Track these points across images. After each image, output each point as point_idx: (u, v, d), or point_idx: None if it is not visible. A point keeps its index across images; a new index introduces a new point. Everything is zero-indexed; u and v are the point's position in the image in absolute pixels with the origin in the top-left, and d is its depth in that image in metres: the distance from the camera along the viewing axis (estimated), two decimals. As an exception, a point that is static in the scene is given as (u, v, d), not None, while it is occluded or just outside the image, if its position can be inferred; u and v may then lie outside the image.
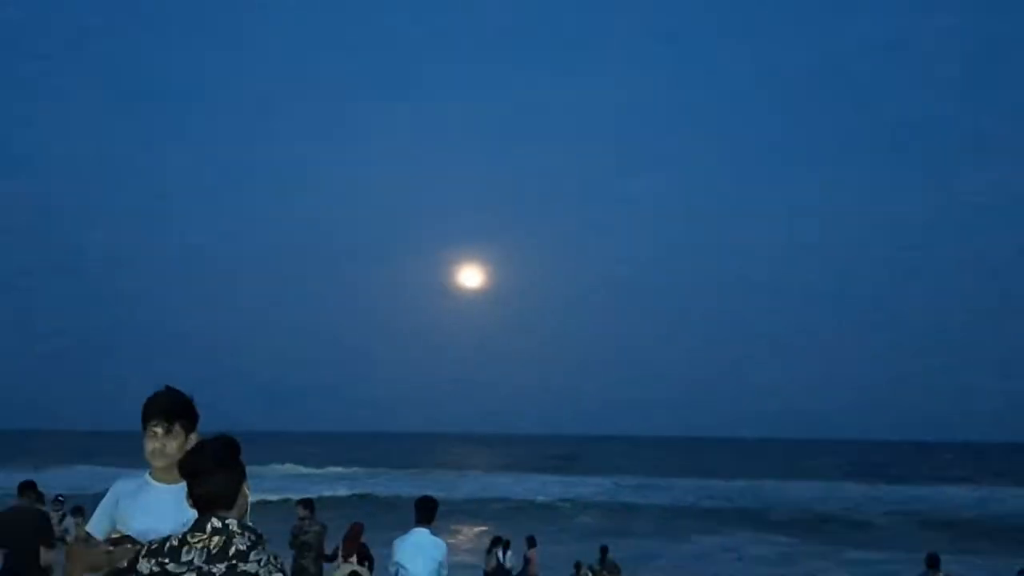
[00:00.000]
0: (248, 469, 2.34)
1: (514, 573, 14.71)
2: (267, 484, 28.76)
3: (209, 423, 2.81)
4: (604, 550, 15.34)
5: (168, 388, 2.72)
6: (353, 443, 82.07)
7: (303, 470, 46.82)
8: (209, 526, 2.07)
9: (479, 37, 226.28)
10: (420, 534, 6.51)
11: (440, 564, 6.45)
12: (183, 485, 2.36)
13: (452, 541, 18.88)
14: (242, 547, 2.05)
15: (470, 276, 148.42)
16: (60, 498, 13.98)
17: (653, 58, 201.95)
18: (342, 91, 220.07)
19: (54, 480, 21.30)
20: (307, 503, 10.52)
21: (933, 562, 10.88)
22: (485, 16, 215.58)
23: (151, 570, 2.02)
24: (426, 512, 6.61)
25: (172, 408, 2.65)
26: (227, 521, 2.08)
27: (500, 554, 14.61)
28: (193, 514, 2.20)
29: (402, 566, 6.43)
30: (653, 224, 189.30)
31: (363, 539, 9.76)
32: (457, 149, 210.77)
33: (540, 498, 33.81)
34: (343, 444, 78.51)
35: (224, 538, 2.06)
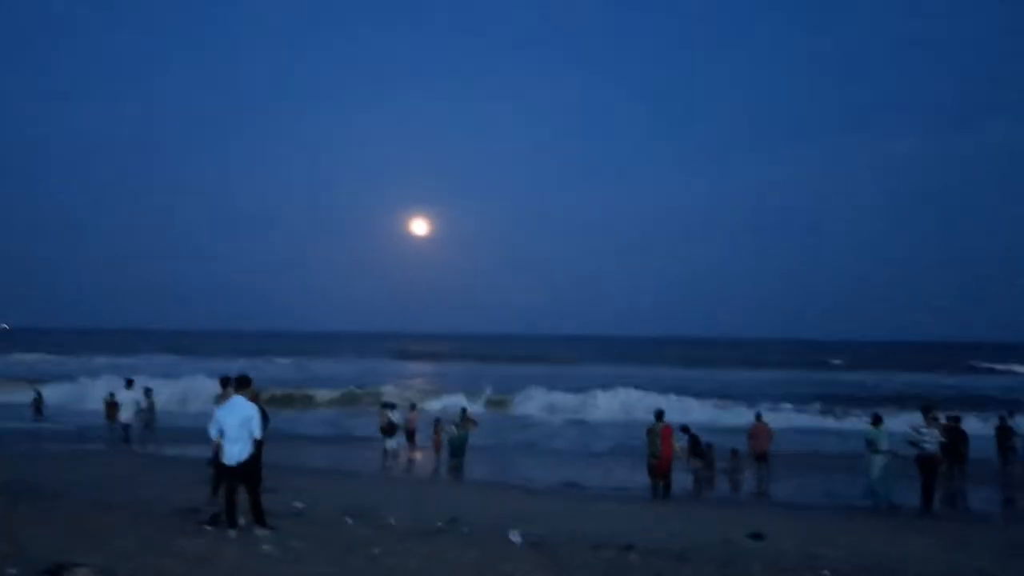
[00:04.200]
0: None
1: (400, 426, 20.04)
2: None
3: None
4: (464, 410, 20.89)
5: None
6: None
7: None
8: None
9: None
10: (237, 399, 8.79)
11: (247, 418, 8.68)
12: None
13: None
14: None
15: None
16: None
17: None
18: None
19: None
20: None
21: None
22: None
23: None
24: (242, 384, 8.88)
25: None
26: None
27: (390, 414, 19.78)
28: None
29: (221, 421, 8.72)
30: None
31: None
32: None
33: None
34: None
35: None
